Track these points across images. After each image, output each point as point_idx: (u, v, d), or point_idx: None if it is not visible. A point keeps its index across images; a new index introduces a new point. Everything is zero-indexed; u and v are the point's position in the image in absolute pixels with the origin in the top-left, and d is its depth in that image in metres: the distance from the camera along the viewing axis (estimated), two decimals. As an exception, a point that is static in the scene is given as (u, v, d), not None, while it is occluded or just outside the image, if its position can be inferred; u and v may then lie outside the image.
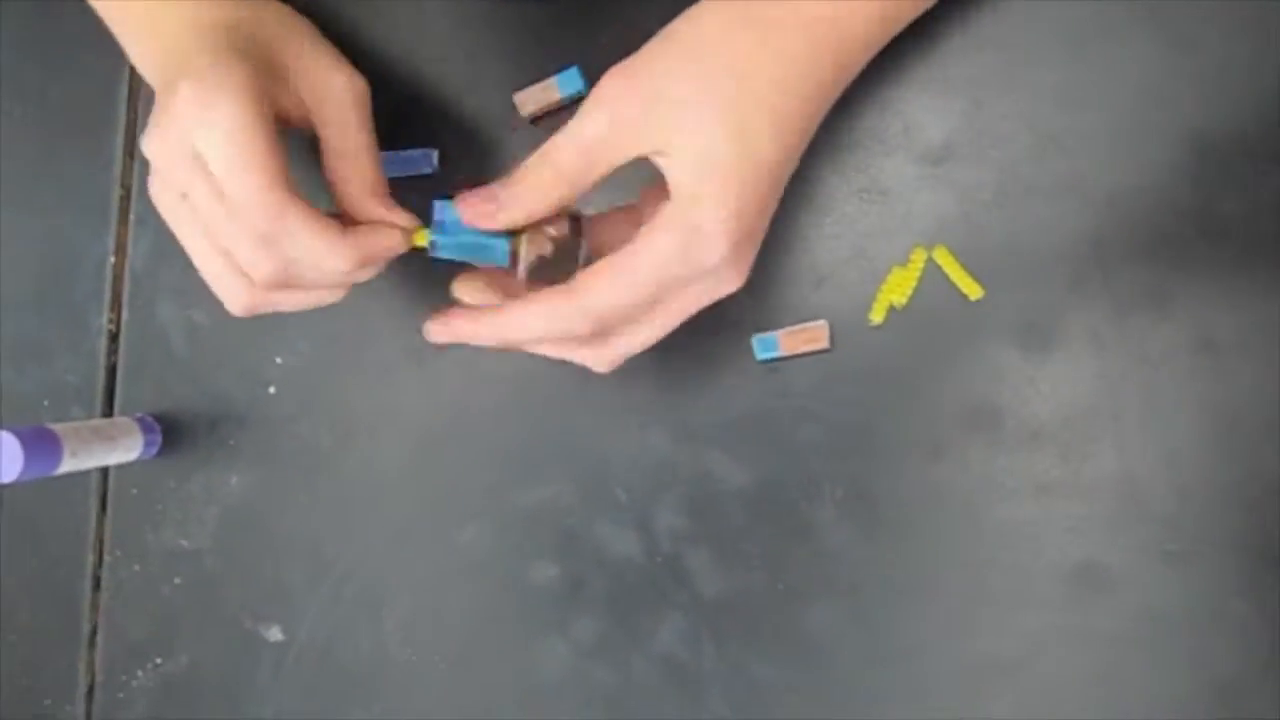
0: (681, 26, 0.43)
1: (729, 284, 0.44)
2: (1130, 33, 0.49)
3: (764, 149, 0.42)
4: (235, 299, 0.47)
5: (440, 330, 0.46)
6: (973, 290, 0.50)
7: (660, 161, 0.42)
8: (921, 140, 0.51)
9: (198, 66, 0.43)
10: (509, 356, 0.54)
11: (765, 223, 0.44)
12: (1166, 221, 0.49)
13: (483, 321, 0.45)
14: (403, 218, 0.47)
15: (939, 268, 0.50)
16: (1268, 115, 0.48)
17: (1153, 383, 0.49)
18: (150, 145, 0.44)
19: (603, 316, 0.43)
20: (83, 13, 0.54)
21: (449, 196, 0.46)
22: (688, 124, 0.41)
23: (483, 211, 0.44)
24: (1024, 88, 0.50)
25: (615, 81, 0.42)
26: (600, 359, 0.46)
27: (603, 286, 0.42)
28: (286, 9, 0.51)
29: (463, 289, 0.47)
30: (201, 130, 0.42)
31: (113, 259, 0.60)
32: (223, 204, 0.43)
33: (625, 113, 0.42)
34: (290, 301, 0.48)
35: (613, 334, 0.44)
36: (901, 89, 0.50)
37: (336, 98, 0.48)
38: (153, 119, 0.44)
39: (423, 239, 0.47)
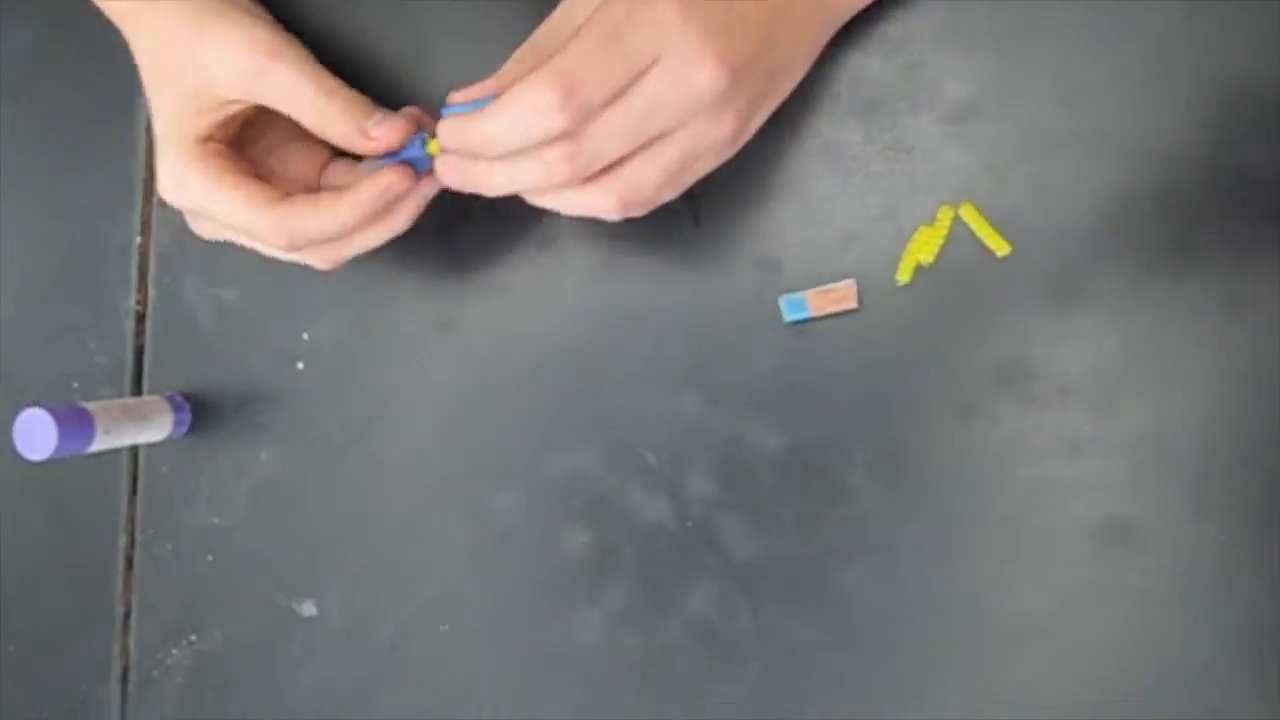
0: None
1: (700, 67, 0.42)
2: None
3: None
4: (317, 265, 0.51)
5: (444, 169, 0.47)
6: (1000, 247, 0.50)
7: None
8: (945, 98, 0.50)
9: (159, 135, 0.50)
10: (537, 322, 0.55)
11: (740, 21, 0.43)
12: (1194, 173, 0.49)
13: (464, 128, 0.44)
14: (395, 131, 0.48)
15: (966, 225, 0.50)
16: (1293, 63, 0.47)
17: (1182, 337, 0.49)
18: (170, 202, 0.51)
19: (573, 83, 0.41)
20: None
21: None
22: None
23: (472, 91, 0.47)
24: (1047, 42, 0.49)
25: None
26: (607, 194, 0.45)
27: (568, 50, 0.41)
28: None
29: (443, 169, 0.47)
30: (188, 203, 0.49)
31: (138, 240, 0.61)
32: (242, 234, 0.50)
33: None
34: (360, 243, 0.50)
35: (615, 165, 0.44)
36: (923, 47, 0.50)
37: (252, 75, 0.48)
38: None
39: (435, 148, 0.47)
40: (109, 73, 0.60)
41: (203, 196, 0.48)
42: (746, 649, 0.53)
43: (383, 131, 0.48)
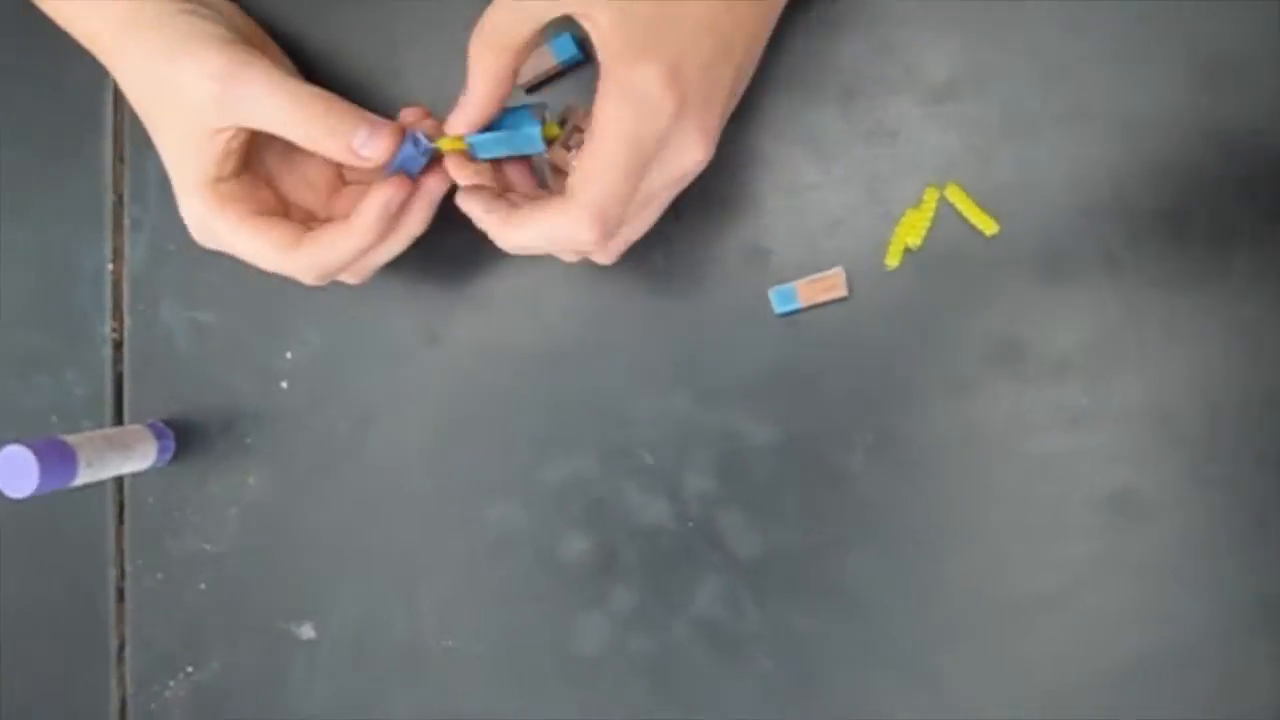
0: None
1: (692, 152, 0.44)
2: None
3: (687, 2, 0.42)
4: (346, 280, 0.52)
5: (465, 200, 0.47)
6: (988, 226, 0.49)
7: (585, 23, 0.43)
8: (924, 79, 0.50)
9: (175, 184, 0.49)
10: (524, 330, 0.54)
11: (717, 87, 0.44)
12: (1178, 144, 0.48)
13: (514, 220, 0.45)
14: (386, 142, 0.47)
15: (952, 206, 0.50)
16: (1275, 30, 0.47)
17: (1174, 305, 0.49)
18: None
19: (608, 215, 0.43)
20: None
21: None
22: None
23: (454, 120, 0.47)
24: (1024, 19, 0.49)
25: None
26: (602, 257, 0.48)
27: (595, 183, 0.42)
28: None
29: (468, 204, 0.47)
30: (222, 245, 0.49)
31: (110, 266, 0.59)
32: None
33: None
34: (383, 255, 0.51)
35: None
36: (900, 29, 0.50)
37: (232, 108, 0.46)
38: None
39: (460, 144, 0.47)
40: (74, 99, 0.59)
41: (229, 243, 0.49)
42: (755, 644, 0.53)
43: (372, 149, 0.47)
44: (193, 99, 0.46)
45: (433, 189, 0.49)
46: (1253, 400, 0.48)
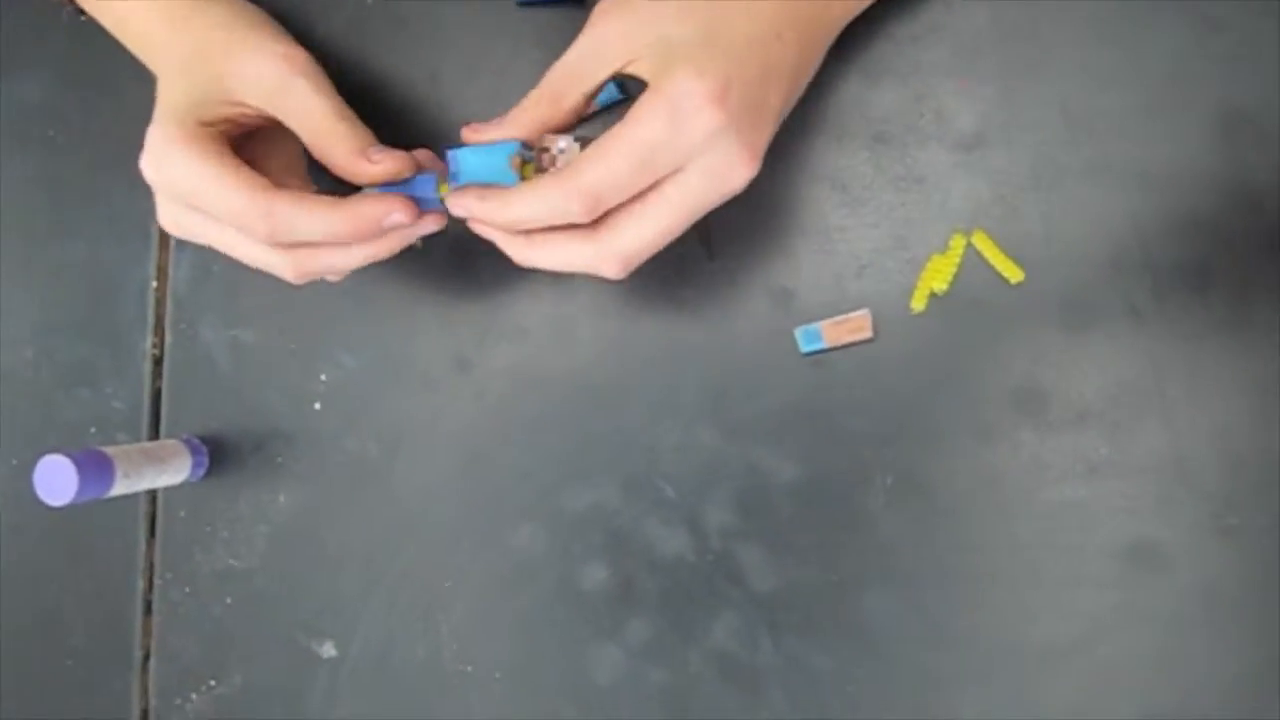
0: None
1: (736, 166, 0.44)
2: (1157, 12, 0.49)
3: (735, 24, 0.44)
4: (285, 272, 0.49)
5: (455, 202, 0.47)
6: (1013, 273, 0.50)
7: (635, 69, 0.45)
8: (954, 128, 0.51)
9: (158, 112, 0.48)
10: (553, 359, 0.55)
11: (766, 105, 0.45)
12: (1201, 197, 0.49)
13: (489, 199, 0.46)
14: (396, 161, 0.48)
15: (978, 253, 0.51)
16: (1299, 87, 0.48)
17: (1196, 358, 0.49)
18: (158, 209, 0.49)
19: (595, 192, 0.43)
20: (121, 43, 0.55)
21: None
22: (652, 27, 0.44)
23: (485, 130, 0.48)
24: (1053, 72, 0.50)
25: (602, 6, 0.46)
26: (605, 255, 0.45)
27: (591, 162, 0.43)
28: (227, 12, 0.51)
29: (455, 203, 0.48)
30: (171, 179, 0.47)
31: (154, 284, 0.61)
32: (224, 228, 0.48)
33: (604, 32, 0.46)
34: (337, 260, 0.49)
35: (615, 222, 0.45)
36: (931, 78, 0.51)
37: (276, 86, 0.49)
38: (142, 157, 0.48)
39: (445, 189, 0.49)
40: (120, 118, 0.61)
41: (189, 172, 0.46)
42: (769, 680, 0.53)
43: (384, 158, 0.48)
44: (241, 74, 0.48)
45: (422, 228, 0.49)
46: (1273, 453, 0.48)
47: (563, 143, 0.48)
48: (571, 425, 0.55)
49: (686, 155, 0.43)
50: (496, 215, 0.46)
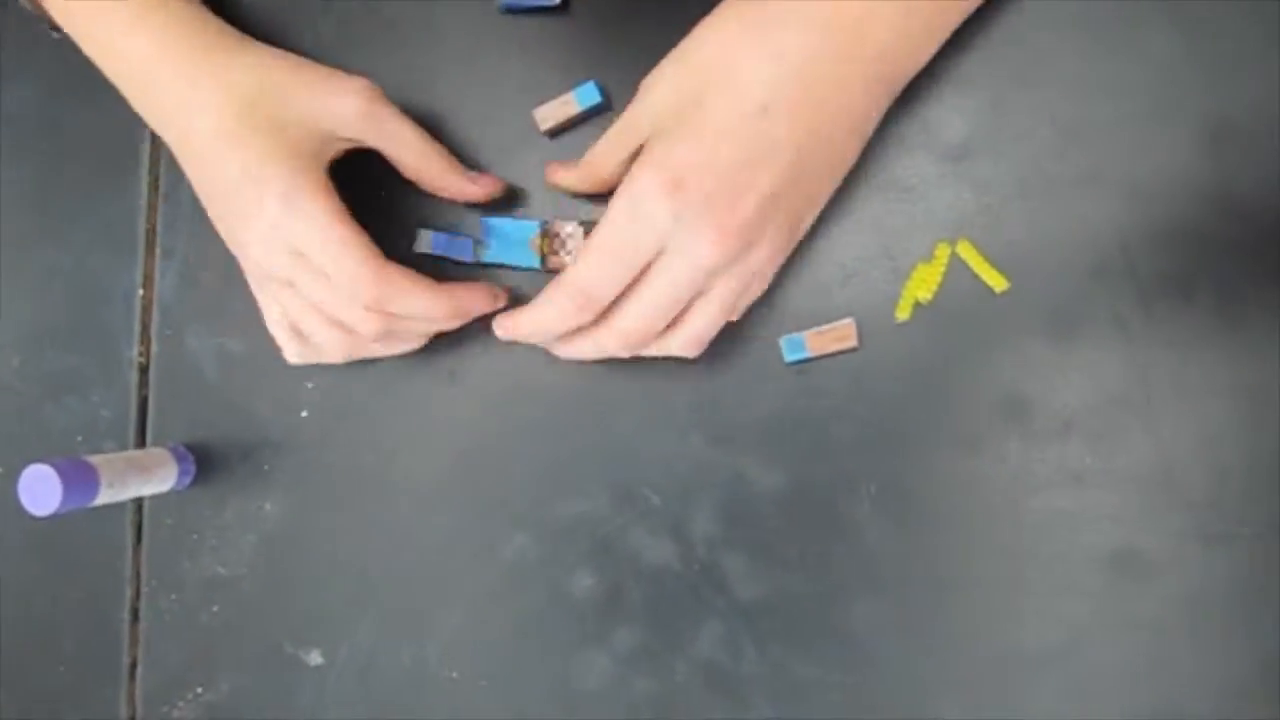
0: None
1: (703, 245, 0.45)
2: (1146, 23, 0.49)
3: (717, 103, 0.45)
4: (336, 352, 0.53)
5: (498, 327, 0.52)
6: (998, 283, 0.50)
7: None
8: (941, 137, 0.51)
9: (265, 171, 0.49)
10: (541, 370, 0.55)
11: (749, 186, 0.45)
12: (1187, 207, 0.49)
13: (507, 319, 0.51)
14: (491, 183, 0.54)
15: (963, 262, 0.51)
16: (1283, 97, 0.48)
17: (1181, 367, 0.49)
18: (250, 249, 0.50)
19: (585, 289, 0.47)
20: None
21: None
22: (655, 103, 0.47)
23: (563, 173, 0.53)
24: (1041, 82, 0.50)
25: (648, 79, 0.48)
26: (610, 333, 0.48)
27: (579, 263, 0.47)
28: (263, 56, 0.52)
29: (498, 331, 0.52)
30: (296, 231, 0.48)
31: (141, 292, 0.61)
32: (329, 284, 0.49)
33: (633, 109, 0.48)
34: (385, 349, 0.54)
35: (617, 305, 0.48)
36: (919, 88, 0.51)
37: (366, 115, 0.51)
38: (242, 223, 0.50)
39: (479, 251, 0.56)
40: (111, 128, 0.61)
41: (316, 227, 0.48)
42: (754, 689, 0.53)
43: (479, 179, 0.54)
44: (330, 109, 0.50)
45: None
46: (1258, 462, 0.48)
47: (569, 227, 0.54)
48: (558, 435, 0.55)
49: (660, 240, 0.45)
50: (523, 332, 0.50)
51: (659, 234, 0.45)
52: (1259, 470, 0.48)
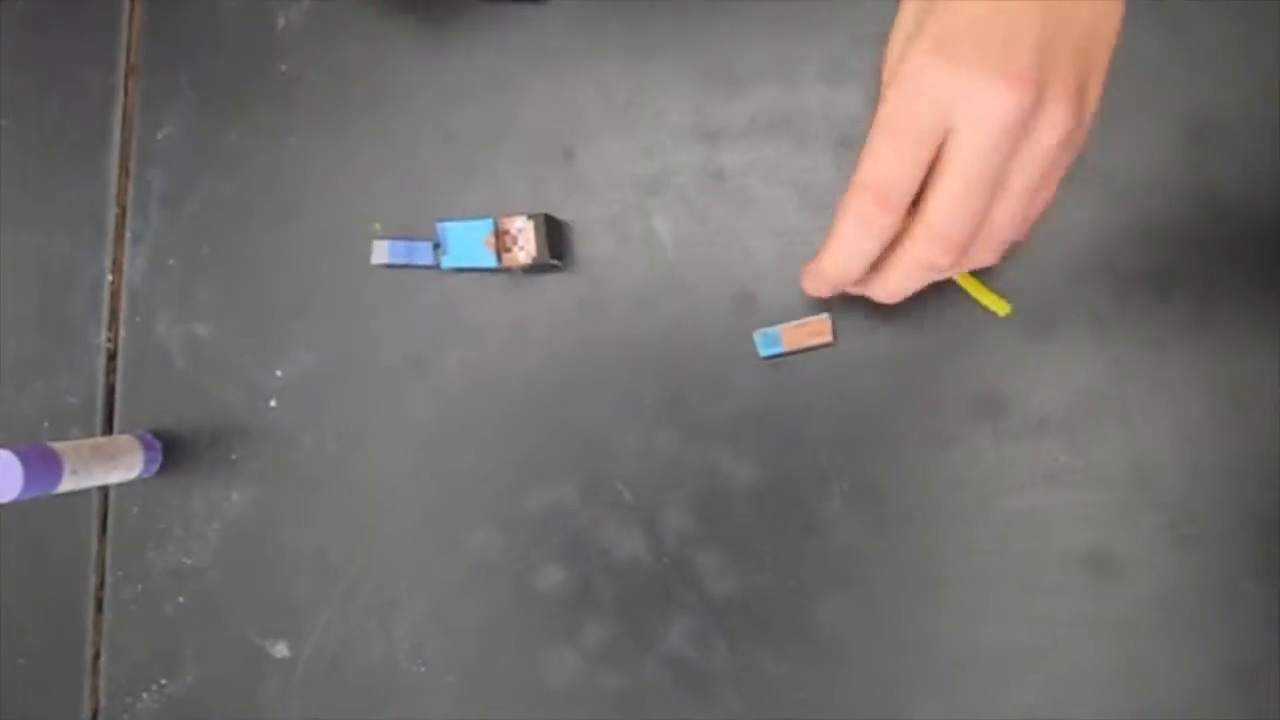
0: None
1: (983, 107, 0.40)
2: (1126, 21, 0.49)
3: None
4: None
5: (809, 287, 0.47)
6: (1001, 307, 0.49)
7: None
8: (917, 131, 0.51)
9: None
10: (510, 360, 0.54)
11: (1010, 30, 0.40)
12: (1166, 205, 0.49)
13: (813, 264, 0.46)
14: None
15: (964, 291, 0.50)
16: (1263, 95, 0.48)
17: (1157, 365, 0.49)
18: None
19: (880, 183, 0.41)
20: (77, 31, 0.54)
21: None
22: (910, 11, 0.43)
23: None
24: (1018, 75, 0.50)
25: None
26: (921, 238, 0.43)
27: (865, 159, 0.42)
28: None
29: (809, 287, 0.47)
30: None
31: (110, 277, 0.60)
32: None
33: None
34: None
35: (922, 215, 0.42)
36: (896, 80, 0.50)
37: None
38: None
39: (439, 253, 0.55)
40: (74, 109, 0.60)
41: None
42: (724, 684, 0.53)
43: None
44: None
45: None
46: (1232, 461, 0.48)
47: (519, 222, 0.53)
48: (529, 426, 0.55)
49: (940, 107, 0.40)
50: (833, 267, 0.45)
51: (938, 100, 0.40)
52: (1231, 468, 0.48)
